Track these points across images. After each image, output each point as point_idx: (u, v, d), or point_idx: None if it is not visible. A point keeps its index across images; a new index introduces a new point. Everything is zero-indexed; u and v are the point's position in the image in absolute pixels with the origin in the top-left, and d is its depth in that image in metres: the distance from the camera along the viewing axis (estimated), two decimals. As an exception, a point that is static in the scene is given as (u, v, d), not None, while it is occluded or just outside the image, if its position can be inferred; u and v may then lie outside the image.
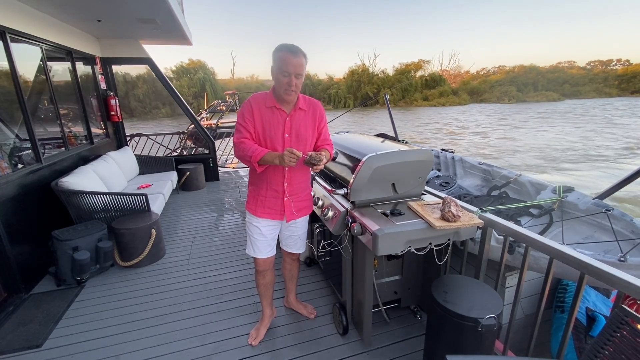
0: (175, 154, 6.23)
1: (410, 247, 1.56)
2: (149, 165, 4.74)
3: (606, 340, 1.02)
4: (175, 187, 4.61)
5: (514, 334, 1.66)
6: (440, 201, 1.74)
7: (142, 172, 4.64)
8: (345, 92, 43.78)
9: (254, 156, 1.53)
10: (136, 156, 4.71)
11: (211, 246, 3.29)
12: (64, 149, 3.51)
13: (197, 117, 9.41)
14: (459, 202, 1.74)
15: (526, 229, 1.51)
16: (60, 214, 3.02)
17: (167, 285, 2.61)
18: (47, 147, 3.30)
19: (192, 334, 2.06)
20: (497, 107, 38.74)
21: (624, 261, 1.55)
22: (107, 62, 4.74)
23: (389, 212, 1.70)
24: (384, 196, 1.86)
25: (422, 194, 1.99)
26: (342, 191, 1.92)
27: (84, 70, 4.22)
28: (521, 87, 46.66)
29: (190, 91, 35.22)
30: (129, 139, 5.47)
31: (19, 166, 2.76)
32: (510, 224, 1.58)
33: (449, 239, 1.64)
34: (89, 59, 4.30)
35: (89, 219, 2.96)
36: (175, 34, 4.39)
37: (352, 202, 1.83)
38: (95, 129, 4.39)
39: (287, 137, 1.62)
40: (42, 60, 3.23)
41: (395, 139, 3.98)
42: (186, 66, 38.34)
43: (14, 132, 2.88)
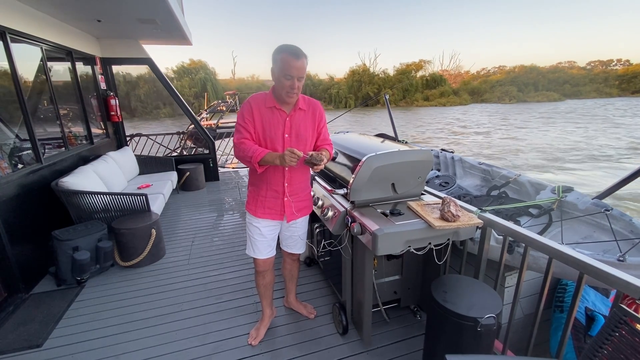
0: (175, 154, 6.23)
1: (409, 247, 1.57)
2: (149, 165, 4.74)
3: (605, 339, 1.02)
4: (175, 187, 4.62)
5: (514, 333, 1.67)
6: (439, 201, 1.75)
7: (142, 172, 4.65)
8: (346, 92, 43.68)
9: (254, 157, 1.53)
10: (136, 156, 4.71)
11: (211, 246, 3.29)
12: (64, 149, 3.52)
13: (197, 117, 9.43)
14: (459, 202, 1.75)
15: (525, 229, 1.52)
16: (60, 214, 3.03)
17: (167, 285, 2.61)
18: (47, 147, 3.30)
19: (192, 334, 2.06)
20: (498, 107, 38.72)
21: (623, 261, 1.55)
22: (107, 62, 4.74)
23: (388, 212, 1.70)
24: (383, 196, 1.86)
25: (422, 194, 1.99)
26: (341, 191, 1.92)
27: (84, 70, 4.22)
28: (522, 87, 46.62)
29: (191, 91, 35.19)
30: (129, 139, 5.48)
31: (19, 166, 2.76)
32: (509, 224, 1.59)
33: (449, 239, 1.64)
34: (89, 59, 4.30)
35: (89, 219, 2.96)
36: (175, 34, 4.40)
37: (352, 202, 1.83)
38: (95, 129, 4.39)
39: (287, 137, 1.62)
40: (42, 60, 3.23)
41: (395, 139, 3.98)
42: (187, 66, 38.30)
43: (14, 132, 2.89)
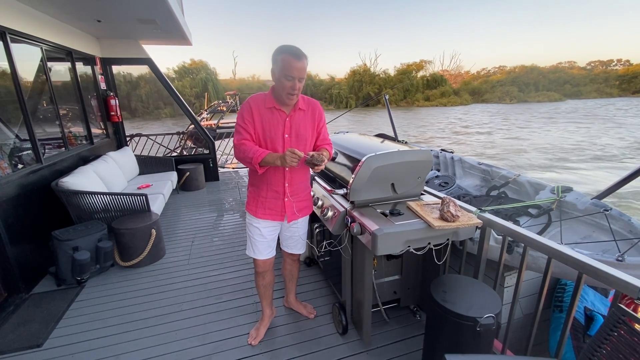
0: (175, 154, 6.24)
1: (409, 247, 1.57)
2: (149, 165, 4.74)
3: (603, 339, 1.03)
4: (175, 187, 4.62)
5: (513, 333, 1.67)
6: (439, 201, 1.75)
7: (142, 172, 4.65)
8: (347, 92, 43.62)
9: (255, 158, 1.53)
10: (136, 156, 4.72)
11: (211, 246, 3.29)
12: (64, 149, 3.52)
13: (198, 117, 9.44)
14: (458, 202, 1.75)
15: (525, 229, 1.52)
16: (60, 214, 3.03)
17: (167, 285, 2.62)
18: (47, 147, 3.30)
19: (192, 334, 2.06)
20: (499, 107, 38.73)
21: (621, 261, 1.56)
22: (107, 63, 4.74)
23: (388, 212, 1.70)
24: (383, 196, 1.87)
25: (422, 194, 1.99)
26: (341, 191, 1.92)
27: (83, 70, 4.23)
28: (522, 87, 46.60)
29: (192, 91, 35.20)
30: (128, 139, 5.48)
31: (19, 166, 2.76)
32: (509, 224, 1.59)
33: (448, 239, 1.65)
34: (88, 59, 4.31)
35: (89, 219, 2.96)
36: (175, 34, 4.40)
37: (352, 202, 1.84)
38: (95, 129, 4.40)
39: (287, 137, 1.62)
40: (42, 60, 3.23)
41: (394, 139, 3.98)
42: (188, 66, 38.33)
43: (14, 133, 2.89)
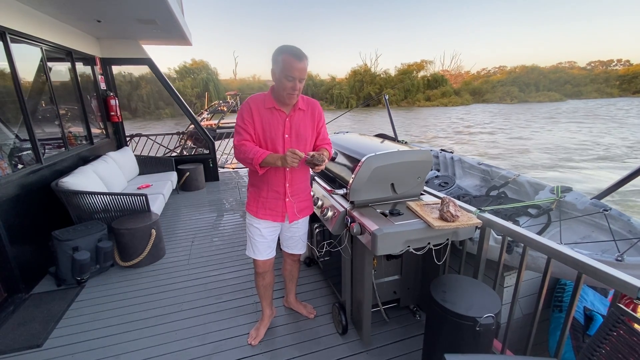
0: (175, 154, 6.24)
1: (409, 247, 1.57)
2: (148, 165, 4.74)
3: (603, 339, 1.03)
4: (175, 188, 4.62)
5: (512, 333, 1.67)
6: (439, 201, 1.75)
7: (142, 173, 4.65)
8: (347, 92, 43.60)
9: (255, 158, 1.52)
10: (136, 156, 4.71)
11: (211, 246, 3.29)
12: (64, 149, 3.52)
13: (198, 117, 9.43)
14: (458, 202, 1.75)
15: (524, 229, 1.52)
16: (60, 214, 3.03)
17: (167, 285, 2.62)
18: (47, 147, 3.30)
19: (192, 334, 2.06)
20: (500, 107, 38.77)
21: (621, 261, 1.56)
22: (107, 63, 4.74)
23: (388, 212, 1.70)
24: (383, 196, 1.87)
25: (421, 194, 2.00)
26: (341, 191, 1.93)
27: (83, 70, 4.23)
28: (523, 87, 46.61)
29: (193, 91, 35.27)
30: (128, 139, 5.48)
31: (19, 166, 2.76)
32: (508, 224, 1.59)
33: (448, 239, 1.65)
34: (88, 60, 4.31)
35: (89, 219, 2.96)
36: (175, 34, 4.40)
37: (352, 202, 1.84)
38: (95, 129, 4.40)
39: (287, 137, 1.62)
40: (42, 60, 3.23)
41: (394, 139, 3.99)
42: (189, 66, 38.40)
43: (14, 133, 2.89)
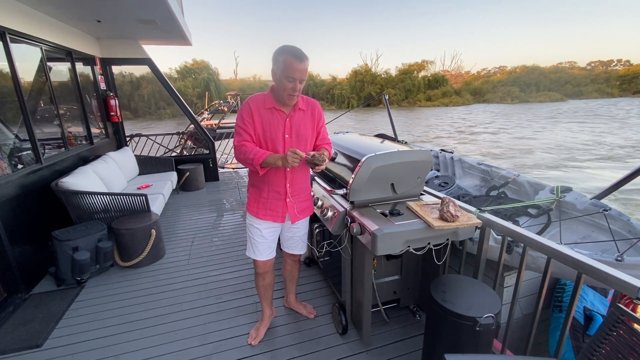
0: (174, 154, 6.24)
1: (409, 247, 1.57)
2: (148, 165, 4.74)
3: (603, 339, 1.03)
4: (175, 188, 4.62)
5: (512, 333, 1.67)
6: (439, 201, 1.75)
7: (142, 173, 4.65)
8: (348, 92, 43.58)
9: (256, 159, 1.52)
10: (136, 156, 4.71)
11: (211, 246, 3.29)
12: (63, 149, 3.52)
13: (199, 117, 9.44)
14: (458, 202, 1.75)
15: (524, 229, 1.52)
16: (60, 214, 3.03)
17: (167, 285, 2.62)
18: (47, 147, 3.30)
19: (192, 334, 2.06)
20: (501, 107, 38.81)
21: (621, 261, 1.56)
22: (107, 63, 4.74)
23: (388, 212, 1.70)
24: (383, 196, 1.87)
25: (421, 194, 2.00)
26: (341, 191, 1.93)
27: (83, 70, 4.23)
28: (523, 87, 46.61)
29: (194, 91, 35.36)
30: (128, 139, 5.48)
31: (19, 166, 2.76)
32: (508, 224, 1.59)
33: (448, 239, 1.65)
34: (88, 60, 4.31)
35: (89, 219, 2.96)
36: (174, 34, 4.40)
37: (352, 202, 1.84)
38: (95, 130, 4.40)
39: (287, 137, 1.62)
40: (42, 60, 3.23)
41: (394, 139, 3.99)
42: (190, 66, 38.47)
43: (13, 133, 2.89)
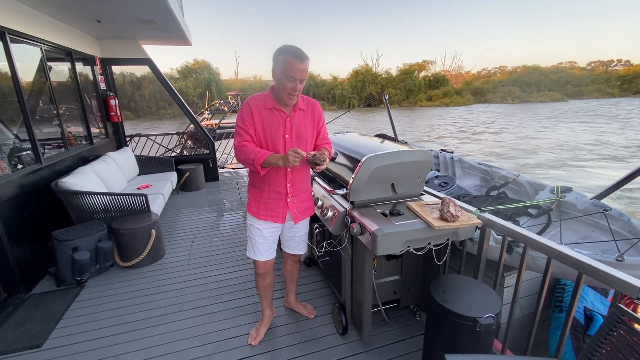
0: (174, 154, 6.23)
1: (409, 247, 1.57)
2: (148, 165, 4.74)
3: (603, 339, 1.03)
4: (175, 188, 4.62)
5: (513, 333, 1.67)
6: (439, 201, 1.75)
7: (141, 173, 4.65)
8: (349, 92, 43.53)
9: (256, 159, 1.52)
10: (136, 156, 4.71)
11: (211, 246, 3.29)
12: (63, 149, 3.52)
13: (199, 117, 9.43)
14: (458, 202, 1.75)
15: (524, 229, 1.52)
16: (60, 214, 3.02)
17: (167, 285, 2.61)
18: (46, 147, 3.30)
19: (192, 334, 2.06)
20: (502, 107, 38.82)
21: (621, 261, 1.56)
22: (107, 63, 4.74)
23: (388, 212, 1.70)
24: (383, 196, 1.87)
25: (421, 194, 2.00)
26: (341, 191, 1.92)
27: (83, 70, 4.23)
28: (524, 87, 46.60)
29: (196, 91, 35.43)
30: (128, 139, 5.48)
31: (19, 166, 2.76)
32: (508, 224, 1.59)
33: (448, 239, 1.65)
34: (88, 60, 4.30)
35: (89, 219, 2.96)
36: (174, 34, 4.40)
37: (352, 203, 1.84)
38: (94, 130, 4.39)
39: (288, 137, 1.62)
40: (41, 60, 3.23)
41: (394, 139, 3.99)
42: (191, 66, 38.56)
43: (13, 133, 2.89)
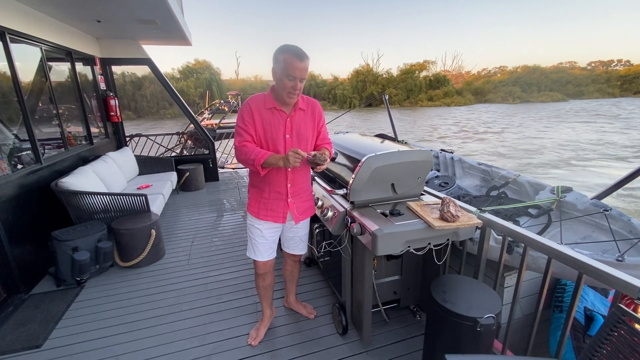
0: (174, 154, 6.23)
1: (409, 247, 1.57)
2: (148, 165, 4.74)
3: (604, 339, 1.03)
4: (175, 188, 4.62)
5: (513, 333, 1.67)
6: (439, 201, 1.75)
7: (141, 173, 4.64)
8: (350, 92, 43.50)
9: (257, 159, 1.52)
10: (136, 156, 4.71)
11: (211, 246, 3.29)
12: (63, 149, 3.52)
13: (199, 117, 9.42)
14: (458, 203, 1.75)
15: (525, 229, 1.52)
16: (60, 214, 3.02)
17: (167, 285, 2.61)
18: (46, 147, 3.30)
19: (192, 334, 2.06)
20: (503, 107, 38.83)
21: (621, 261, 1.56)
22: (107, 63, 4.74)
23: (388, 212, 1.70)
24: (383, 196, 1.86)
25: (422, 194, 1.99)
26: (341, 191, 1.92)
27: (83, 70, 4.22)
28: (525, 87, 46.58)
29: (197, 91, 35.48)
30: (128, 139, 5.48)
31: (19, 167, 2.76)
32: (508, 224, 1.59)
33: (448, 239, 1.65)
34: (88, 60, 4.30)
35: (88, 219, 2.96)
36: (174, 34, 4.40)
37: (352, 203, 1.83)
38: (94, 130, 4.39)
39: (288, 137, 1.61)
40: (41, 60, 3.23)
41: (394, 139, 3.99)
42: (192, 67, 38.66)
43: (13, 133, 2.88)
